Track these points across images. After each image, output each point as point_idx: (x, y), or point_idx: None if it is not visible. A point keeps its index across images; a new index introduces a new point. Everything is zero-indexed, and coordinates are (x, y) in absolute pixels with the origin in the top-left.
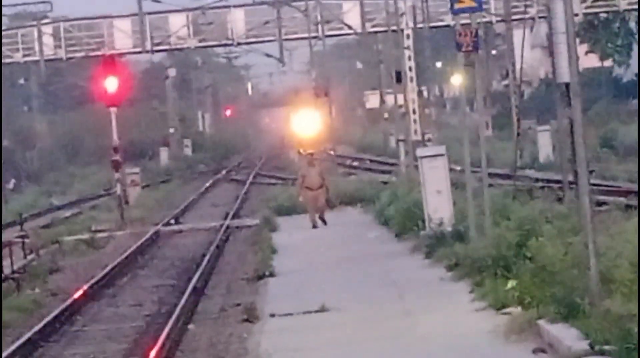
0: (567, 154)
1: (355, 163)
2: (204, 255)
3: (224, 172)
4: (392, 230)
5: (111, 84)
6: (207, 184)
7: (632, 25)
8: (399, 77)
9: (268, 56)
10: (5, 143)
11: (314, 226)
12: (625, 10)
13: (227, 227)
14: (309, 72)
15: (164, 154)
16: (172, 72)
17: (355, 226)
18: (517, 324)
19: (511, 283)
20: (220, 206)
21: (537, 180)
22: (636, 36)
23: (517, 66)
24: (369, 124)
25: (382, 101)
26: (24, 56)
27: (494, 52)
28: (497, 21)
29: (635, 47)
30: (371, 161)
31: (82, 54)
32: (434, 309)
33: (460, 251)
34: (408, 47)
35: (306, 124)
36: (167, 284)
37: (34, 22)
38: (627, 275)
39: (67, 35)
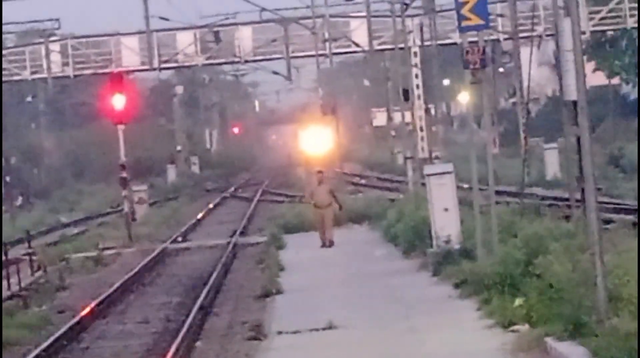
0: (575, 172)
1: (363, 181)
2: (211, 273)
3: (231, 189)
4: (399, 248)
5: (118, 101)
6: (215, 202)
7: None
8: (406, 95)
9: (275, 73)
10: (12, 160)
11: (323, 245)
12: (633, 27)
13: (235, 244)
14: (316, 90)
15: (171, 171)
16: (179, 89)
17: (362, 244)
18: (525, 342)
19: (519, 301)
20: (228, 223)
21: (544, 198)
22: None
23: (525, 84)
24: (376, 141)
25: (390, 119)
26: (32, 73)
27: (501, 69)
28: (505, 39)
29: None
30: (378, 178)
31: (90, 71)
32: (441, 327)
33: (467, 269)
34: (415, 65)
35: (315, 141)
36: (175, 301)
37: (42, 40)
38: (635, 292)
39: (75, 53)
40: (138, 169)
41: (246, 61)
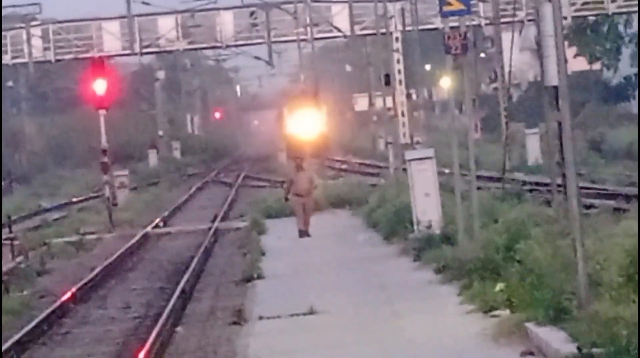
0: (556, 157)
1: (344, 166)
2: (192, 258)
3: (212, 174)
4: (380, 233)
5: (100, 86)
6: (196, 187)
7: (621, 28)
8: (387, 80)
9: (257, 58)
10: None
11: (301, 235)
12: (614, 13)
13: (216, 229)
14: (298, 75)
15: (152, 156)
16: (160, 74)
17: (343, 229)
18: (506, 327)
19: (499, 286)
20: (209, 208)
21: (525, 183)
22: (625, 39)
23: (506, 69)
24: (357, 126)
25: (371, 104)
26: (13, 58)
27: (482, 55)
28: (486, 24)
29: (623, 50)
30: (360, 163)
31: (71, 56)
32: (422, 312)
33: (448, 254)
34: (397, 50)
35: (306, 126)
36: (156, 286)
37: (23, 24)
38: (615, 278)
39: (56, 38)
40: (119, 154)
41: (227, 46)
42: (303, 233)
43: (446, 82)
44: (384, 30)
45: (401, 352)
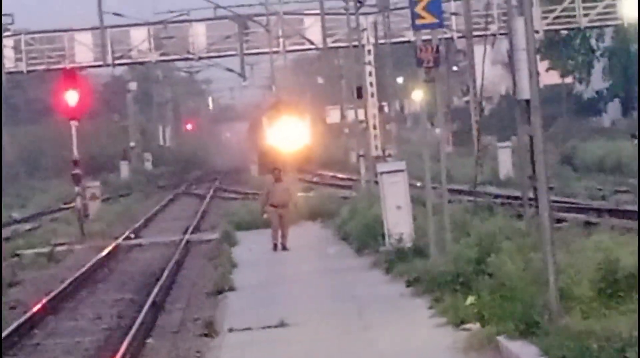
0: (527, 171)
1: (316, 178)
2: (163, 269)
3: (184, 186)
4: (352, 245)
5: (72, 97)
6: (168, 198)
7: (593, 42)
8: (359, 93)
9: (229, 70)
10: None
11: (275, 247)
12: (586, 27)
13: (187, 241)
14: (270, 87)
15: (124, 167)
16: (133, 86)
17: (315, 242)
18: (477, 340)
19: (470, 299)
20: (181, 220)
21: (497, 196)
22: (597, 53)
23: (478, 82)
24: (329, 139)
25: (343, 116)
26: None
27: (455, 68)
28: (458, 37)
29: (595, 64)
30: (332, 176)
31: (43, 67)
32: (393, 325)
33: (420, 267)
34: (369, 63)
35: (289, 137)
36: (127, 298)
37: None
38: (586, 292)
39: (28, 48)
40: (91, 165)
41: (200, 58)
42: (278, 247)
43: (418, 95)
44: (356, 43)
45: None
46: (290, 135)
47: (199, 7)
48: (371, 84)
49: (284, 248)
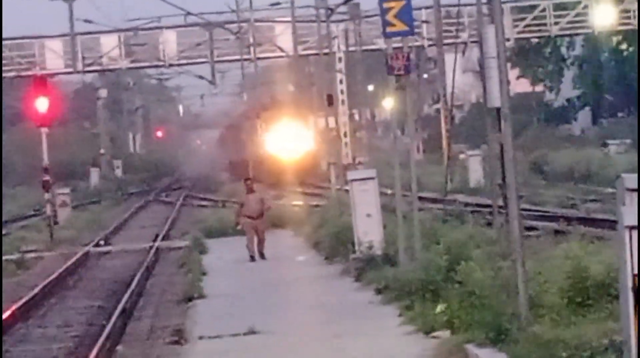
0: (497, 179)
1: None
2: (133, 276)
3: (154, 193)
4: (322, 253)
5: (42, 104)
6: (137, 206)
7: (563, 50)
8: (330, 100)
9: (199, 77)
10: None
11: (252, 259)
12: (557, 35)
13: (157, 248)
14: (241, 95)
15: (94, 175)
16: (103, 93)
17: (285, 249)
18: (446, 348)
19: (440, 307)
20: (150, 227)
21: (467, 204)
22: (567, 61)
23: (449, 90)
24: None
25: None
26: None
27: (425, 76)
28: (429, 45)
29: (566, 72)
30: (301, 183)
31: (13, 73)
32: (363, 332)
33: (389, 275)
34: (340, 70)
35: (294, 144)
36: (96, 305)
37: None
38: (556, 299)
39: None
40: (61, 172)
41: (170, 65)
42: (255, 258)
43: (389, 103)
44: (327, 51)
45: None
46: (292, 141)
47: (170, 14)
48: (342, 91)
49: (262, 256)
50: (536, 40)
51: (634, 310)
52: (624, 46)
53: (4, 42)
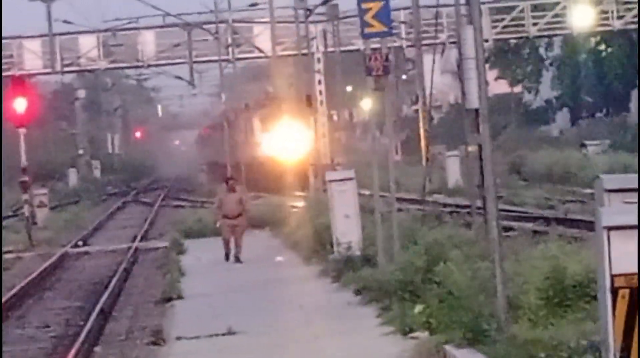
0: (476, 180)
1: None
2: (111, 277)
3: (132, 194)
4: (300, 254)
5: (20, 104)
6: (116, 206)
7: (542, 51)
8: (309, 101)
9: (178, 78)
10: None
11: (227, 258)
12: (535, 36)
13: (136, 249)
14: (219, 95)
15: (72, 175)
16: (81, 93)
17: (263, 250)
18: (424, 349)
19: (418, 308)
20: (129, 228)
21: (445, 205)
22: (546, 62)
23: (427, 91)
24: None
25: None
26: None
27: (404, 77)
28: (408, 46)
29: (544, 73)
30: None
31: None
32: (341, 333)
33: (368, 276)
34: (318, 71)
35: (296, 144)
36: (75, 306)
37: None
38: (534, 300)
39: None
40: (39, 172)
41: (149, 65)
42: (230, 258)
43: (367, 104)
44: (305, 51)
45: None
46: (294, 141)
47: (148, 15)
48: (320, 92)
49: (238, 260)
50: (515, 41)
51: (612, 310)
52: (602, 47)
53: None
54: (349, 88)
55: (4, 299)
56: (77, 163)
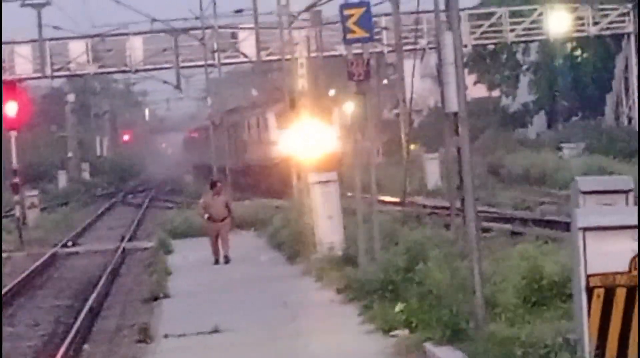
0: (455, 182)
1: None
2: (100, 276)
3: (121, 196)
4: (284, 254)
5: (11, 108)
6: (104, 208)
7: (519, 56)
8: (293, 104)
9: (165, 82)
10: None
11: (216, 262)
12: (513, 42)
13: (124, 249)
14: (205, 99)
15: (62, 177)
16: (71, 97)
17: (248, 250)
18: (405, 346)
19: (399, 307)
20: (117, 228)
21: (425, 206)
22: (523, 67)
23: (408, 95)
24: None
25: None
26: None
27: (385, 81)
28: (389, 51)
29: (522, 77)
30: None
31: None
32: (324, 331)
33: (350, 275)
34: (302, 76)
35: (320, 143)
36: (64, 304)
37: None
38: (511, 299)
39: None
40: (30, 174)
41: (137, 70)
42: (220, 261)
43: (349, 107)
44: (289, 57)
45: None
46: (318, 139)
47: (136, 21)
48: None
49: (226, 259)
50: (493, 46)
51: (587, 309)
52: (578, 52)
53: None
54: (331, 92)
55: None
56: (67, 165)
